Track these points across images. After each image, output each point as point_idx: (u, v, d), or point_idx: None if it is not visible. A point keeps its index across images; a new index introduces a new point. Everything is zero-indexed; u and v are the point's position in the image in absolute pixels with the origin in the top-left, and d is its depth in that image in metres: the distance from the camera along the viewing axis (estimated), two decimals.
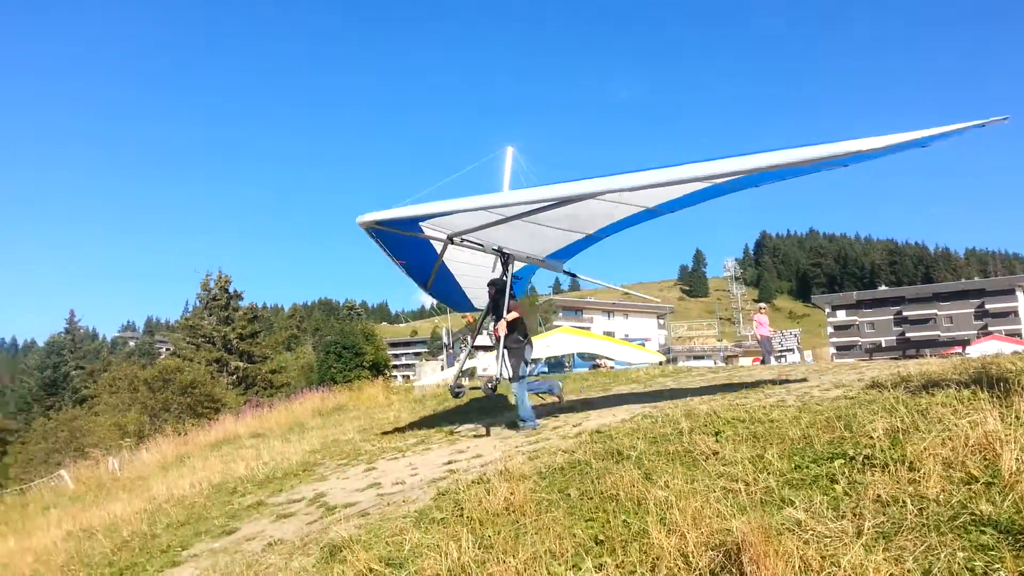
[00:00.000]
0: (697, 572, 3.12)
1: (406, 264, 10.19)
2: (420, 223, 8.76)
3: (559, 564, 3.49)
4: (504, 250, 9.43)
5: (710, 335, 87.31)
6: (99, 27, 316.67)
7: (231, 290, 48.27)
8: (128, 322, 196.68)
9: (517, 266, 10.12)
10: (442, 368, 40.21)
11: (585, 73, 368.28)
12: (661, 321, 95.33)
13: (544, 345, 28.63)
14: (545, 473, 5.31)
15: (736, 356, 55.75)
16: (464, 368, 35.63)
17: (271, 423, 19.59)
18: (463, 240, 9.21)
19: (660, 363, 24.74)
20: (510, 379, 8.83)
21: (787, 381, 9.20)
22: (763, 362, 20.01)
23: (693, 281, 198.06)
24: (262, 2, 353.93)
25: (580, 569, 3.37)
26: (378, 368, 40.63)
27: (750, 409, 6.22)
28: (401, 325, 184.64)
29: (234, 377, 44.31)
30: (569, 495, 4.60)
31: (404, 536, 4.47)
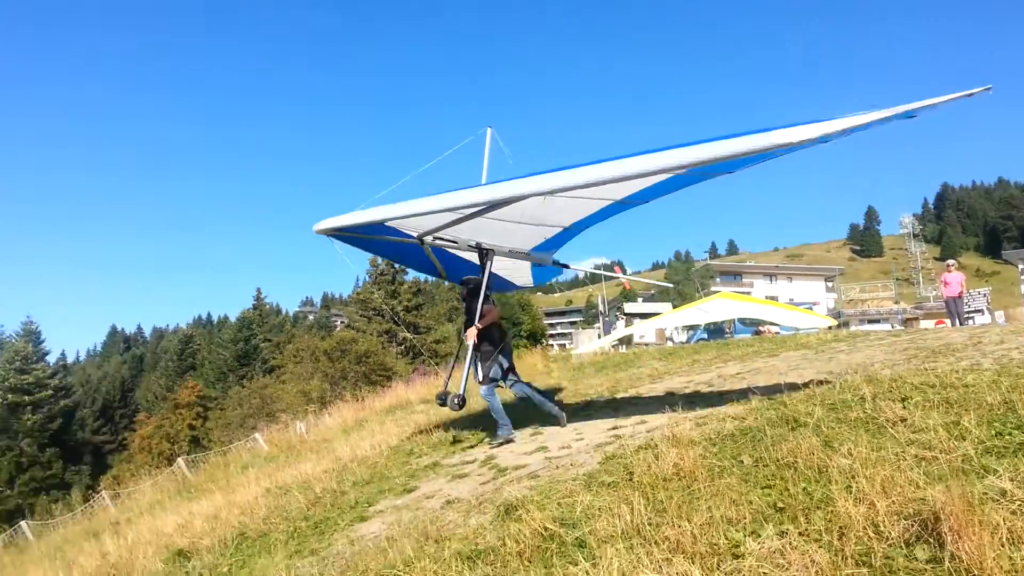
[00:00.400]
0: (889, 542, 2.97)
1: (401, 258, 9.48)
2: (387, 223, 8.07)
3: (736, 530, 3.44)
4: (483, 246, 8.68)
5: (886, 297, 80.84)
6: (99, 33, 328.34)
7: (396, 265, 50.80)
8: (307, 298, 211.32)
9: (502, 262, 9.53)
10: (599, 336, 40.36)
11: (585, 58, 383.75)
12: (830, 284, 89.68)
13: (702, 311, 27.83)
14: (715, 439, 5.22)
15: (916, 319, 51.27)
16: (622, 336, 35.48)
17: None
18: (435, 239, 8.60)
19: (831, 328, 23.34)
20: (479, 382, 8.24)
21: (980, 343, 8.39)
22: (950, 324, 18.36)
23: (865, 240, 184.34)
24: (264, 4, 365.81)
25: (760, 536, 3.31)
26: (535, 337, 41.44)
27: (940, 374, 5.75)
28: (556, 295, 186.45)
29: (402, 347, 46.80)
30: (742, 462, 4.50)
31: (575, 498, 4.57)
